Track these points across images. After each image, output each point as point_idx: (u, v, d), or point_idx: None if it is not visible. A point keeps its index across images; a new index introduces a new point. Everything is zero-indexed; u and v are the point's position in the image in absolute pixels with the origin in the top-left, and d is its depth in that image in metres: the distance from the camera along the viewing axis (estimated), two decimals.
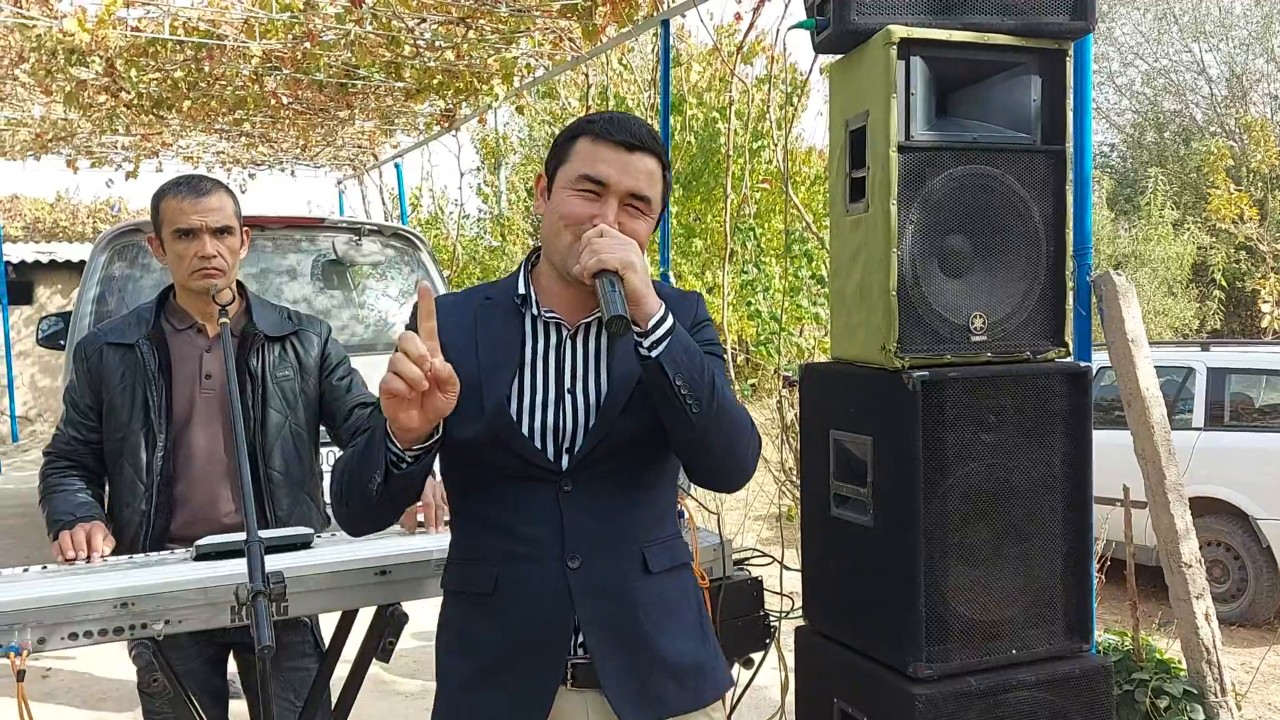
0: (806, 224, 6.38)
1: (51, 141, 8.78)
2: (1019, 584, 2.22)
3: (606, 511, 1.60)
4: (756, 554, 2.51)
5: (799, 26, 2.34)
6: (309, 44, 5.91)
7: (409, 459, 1.47)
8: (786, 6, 4.21)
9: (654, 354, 1.48)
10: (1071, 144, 2.32)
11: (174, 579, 1.88)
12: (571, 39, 5.99)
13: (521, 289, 1.66)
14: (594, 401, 1.60)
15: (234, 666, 2.51)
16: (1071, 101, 2.32)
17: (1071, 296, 2.35)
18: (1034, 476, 2.22)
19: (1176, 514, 3.08)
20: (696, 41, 11.25)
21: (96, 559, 2.13)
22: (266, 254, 5.33)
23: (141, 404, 2.33)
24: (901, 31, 2.13)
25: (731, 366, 6.08)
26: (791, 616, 2.57)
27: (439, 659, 1.67)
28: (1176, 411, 6.24)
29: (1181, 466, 3.12)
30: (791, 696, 2.59)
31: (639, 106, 9.29)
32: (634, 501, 1.63)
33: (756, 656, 2.44)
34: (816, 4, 2.28)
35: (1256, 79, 19.73)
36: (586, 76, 7.23)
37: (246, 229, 2.47)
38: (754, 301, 6.99)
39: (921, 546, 2.12)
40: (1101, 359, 3.38)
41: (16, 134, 8.56)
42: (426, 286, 1.45)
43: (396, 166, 10.48)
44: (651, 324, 1.48)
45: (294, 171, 11.06)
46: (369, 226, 5.69)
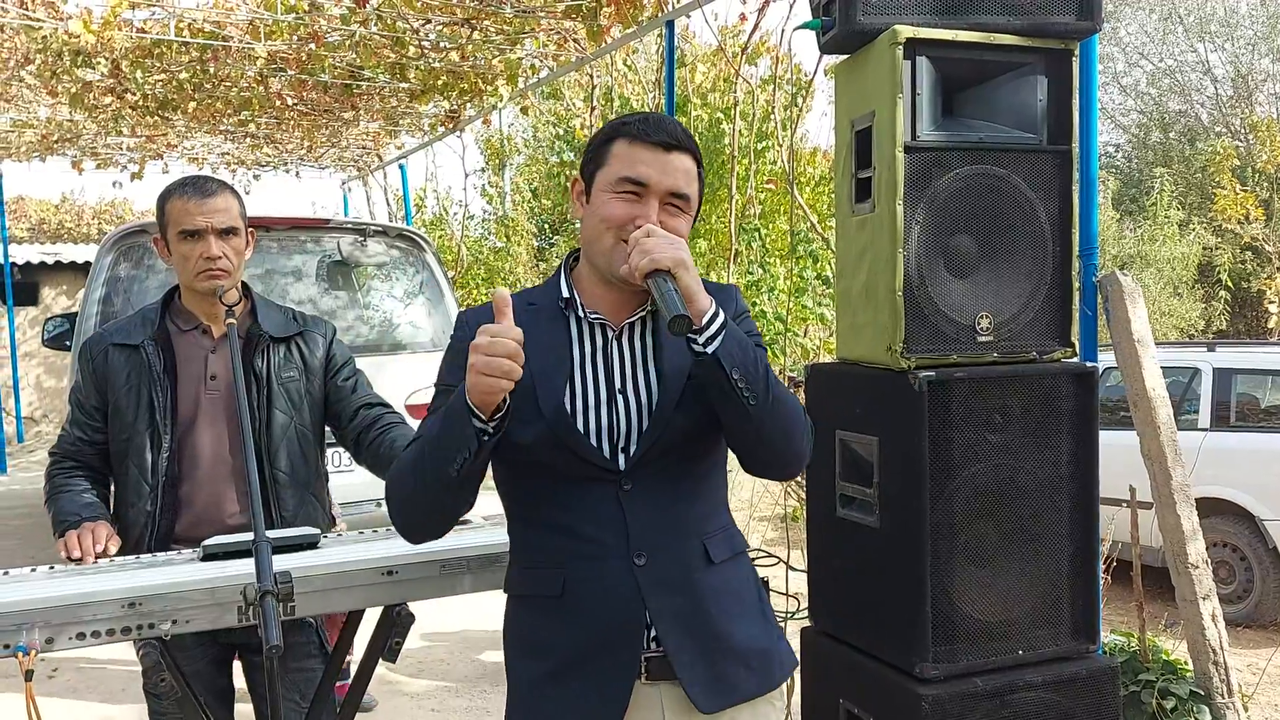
0: (811, 224, 6.38)
1: (57, 143, 8.81)
2: (1025, 585, 2.22)
3: (667, 507, 1.62)
4: (762, 554, 2.51)
5: (805, 27, 2.34)
6: (314, 45, 5.93)
7: (491, 429, 1.49)
8: (791, 7, 4.22)
9: (710, 350, 1.50)
10: (1077, 144, 2.32)
11: (181, 579, 1.88)
12: (576, 40, 5.99)
13: (565, 292, 1.67)
14: (645, 400, 1.62)
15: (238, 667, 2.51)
16: (1077, 102, 2.31)
17: (1078, 297, 2.35)
18: (1040, 477, 2.22)
19: (1183, 514, 3.07)
20: (701, 42, 11.25)
21: (102, 559, 2.13)
22: (272, 255, 5.34)
23: (147, 405, 2.33)
24: (907, 31, 2.13)
25: None
26: (797, 617, 2.57)
27: (508, 662, 1.68)
28: (1182, 412, 6.22)
29: (1188, 467, 3.11)
30: (798, 697, 2.59)
31: (643, 107, 9.29)
32: (691, 495, 1.66)
33: None
34: (822, 4, 2.28)
35: (1262, 79, 19.70)
36: (591, 77, 7.23)
37: (252, 230, 2.47)
38: (759, 302, 7.00)
39: (928, 547, 2.12)
40: (1107, 359, 3.37)
41: (22, 135, 8.59)
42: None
43: (401, 167, 10.49)
44: (706, 320, 1.50)
45: (299, 172, 11.08)
46: (374, 227, 5.69)
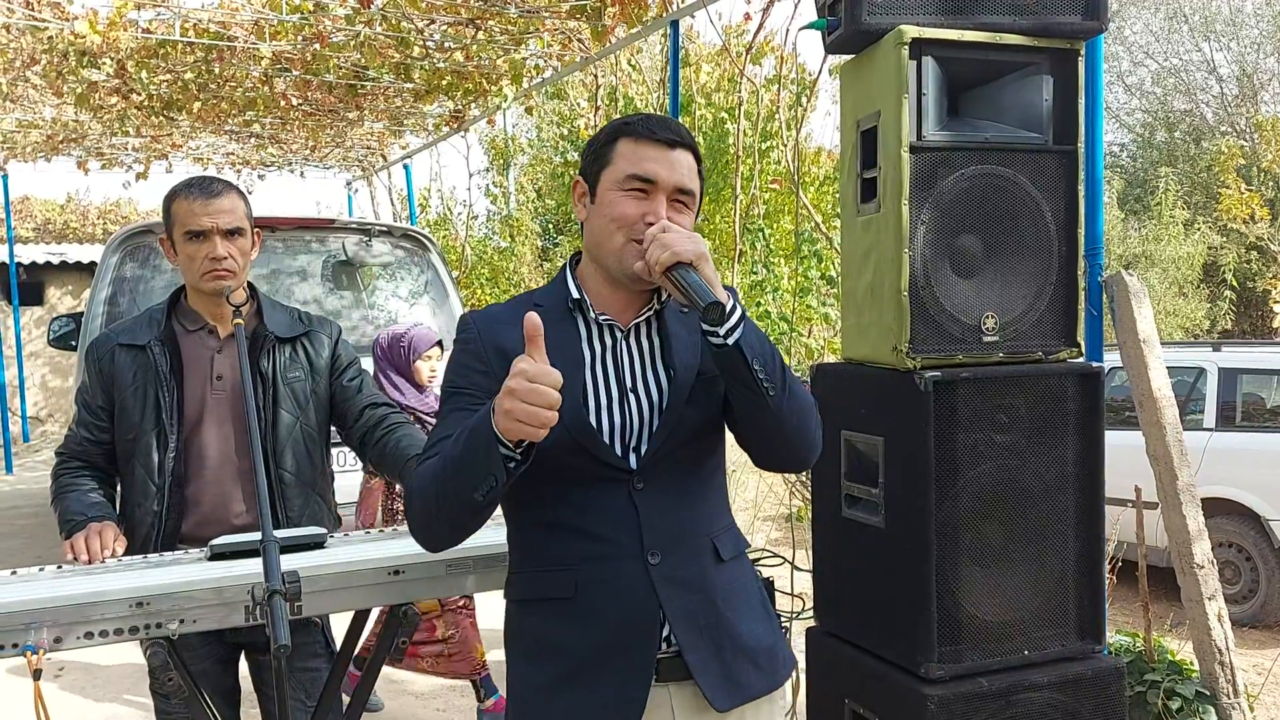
0: (816, 224, 6.38)
1: (62, 143, 8.83)
2: (1031, 585, 2.22)
3: (678, 505, 1.63)
4: (767, 554, 2.51)
5: (810, 27, 2.34)
6: (319, 45, 5.94)
7: (519, 455, 1.48)
8: (796, 6, 4.23)
9: (731, 340, 1.50)
10: (1083, 144, 2.31)
11: (189, 579, 1.89)
12: (580, 40, 6.00)
13: (575, 293, 1.67)
14: (656, 399, 1.64)
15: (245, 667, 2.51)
16: (1083, 101, 2.31)
17: (1083, 297, 2.35)
18: (1046, 477, 2.22)
19: (1188, 515, 3.07)
20: (705, 42, 11.25)
21: (110, 559, 2.13)
22: (277, 255, 5.35)
23: (153, 405, 2.34)
24: (913, 31, 2.13)
25: None
26: (802, 617, 2.57)
27: (511, 669, 1.67)
28: (1188, 412, 6.21)
29: (1193, 467, 3.11)
30: (803, 697, 2.59)
31: (648, 107, 9.29)
32: (700, 493, 1.67)
33: None
34: (828, 4, 2.28)
35: (1267, 78, 19.66)
36: (595, 77, 7.24)
37: (257, 230, 2.48)
38: (763, 302, 6.99)
39: (933, 547, 2.12)
40: (1113, 359, 3.37)
41: (28, 135, 8.61)
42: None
43: (405, 167, 10.50)
44: (728, 310, 1.51)
45: (303, 172, 11.10)
46: (379, 227, 5.70)
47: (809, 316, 6.95)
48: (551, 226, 16.74)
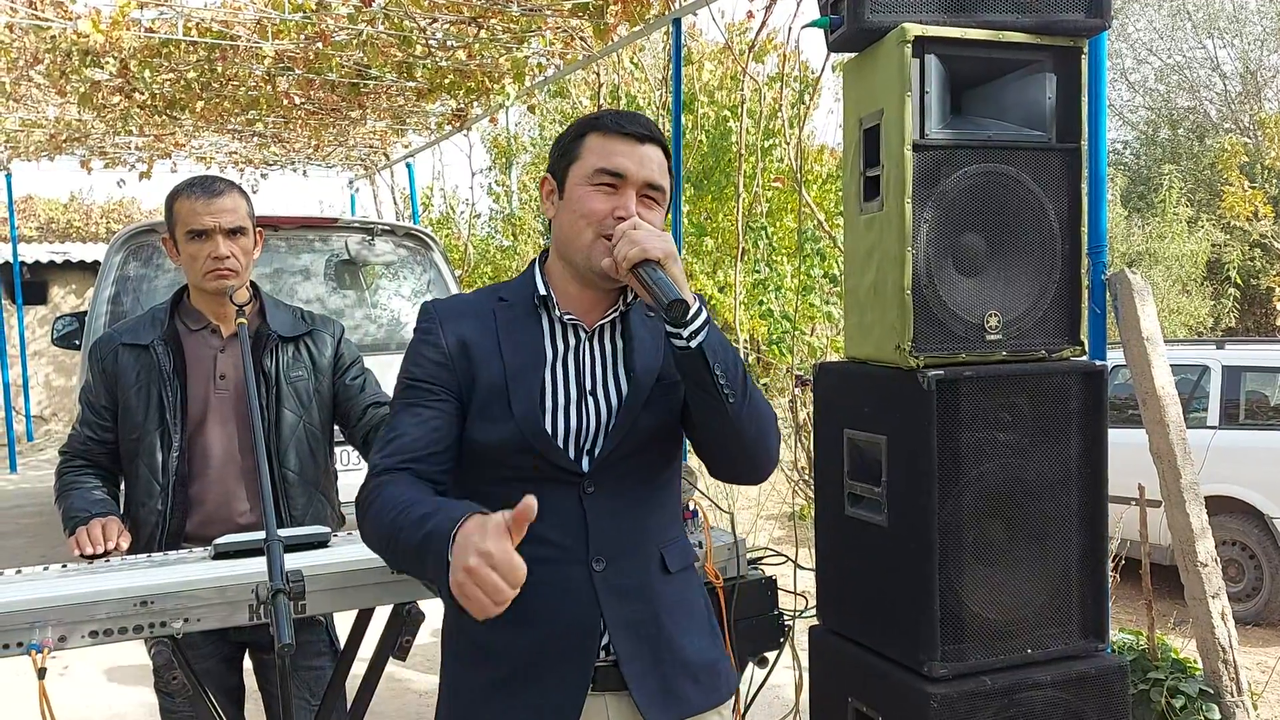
0: (819, 222, 6.38)
1: (66, 142, 8.84)
2: (1034, 583, 2.22)
3: (628, 512, 1.60)
4: (770, 553, 2.51)
5: (813, 25, 2.33)
6: (321, 44, 5.94)
7: None
8: (799, 4, 4.23)
9: (694, 343, 1.48)
10: (1086, 142, 2.31)
11: (193, 577, 1.89)
12: (583, 38, 6.00)
13: (542, 289, 1.65)
14: (615, 402, 1.61)
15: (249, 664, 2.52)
16: (1086, 99, 2.31)
17: (1086, 295, 2.35)
18: (1049, 475, 2.22)
19: (1192, 513, 3.06)
20: (708, 40, 11.25)
21: (114, 556, 2.14)
22: (280, 254, 5.35)
23: (157, 404, 2.34)
24: (916, 30, 2.13)
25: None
26: (805, 615, 2.57)
27: (447, 669, 1.64)
28: (1191, 410, 6.21)
29: (1197, 465, 3.10)
30: (806, 695, 2.59)
31: (650, 105, 9.29)
32: (651, 502, 1.64)
33: (770, 655, 2.43)
34: (830, 2, 2.28)
35: (1271, 75, 19.62)
36: (598, 75, 7.24)
37: (260, 229, 2.48)
38: (766, 300, 7.00)
39: (936, 545, 2.12)
40: (1116, 357, 3.36)
41: (31, 135, 8.62)
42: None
43: (408, 166, 10.50)
44: (692, 313, 1.49)
45: (306, 171, 11.11)
46: (382, 226, 5.70)
47: (812, 315, 6.95)
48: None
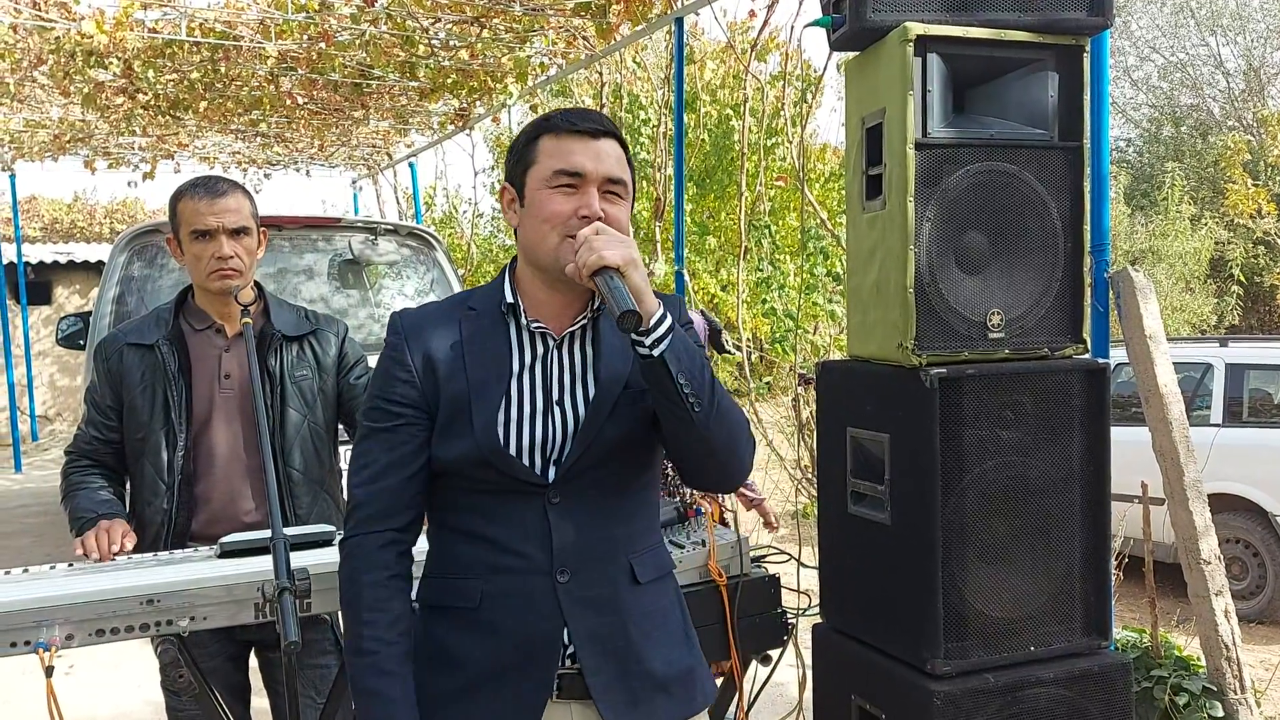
0: (821, 221, 6.38)
1: (69, 143, 8.85)
2: (1037, 581, 2.22)
3: (594, 524, 1.57)
4: (773, 551, 2.52)
5: (815, 24, 2.34)
6: (324, 44, 5.95)
7: None
8: (801, 3, 4.22)
9: (656, 352, 1.45)
10: (1088, 140, 2.31)
11: (199, 576, 1.90)
12: (585, 37, 6.00)
13: (510, 298, 1.61)
14: (582, 411, 1.58)
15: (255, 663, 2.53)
16: (1088, 97, 2.31)
17: (1089, 293, 2.35)
18: (1052, 473, 2.22)
19: (1195, 511, 3.06)
20: (710, 39, 11.25)
21: (120, 556, 2.15)
22: (284, 254, 5.36)
23: (162, 404, 2.35)
24: (918, 28, 2.13)
25: (746, 364, 6.08)
26: (809, 613, 2.57)
27: (415, 675, 1.60)
28: (1194, 408, 6.20)
29: (1200, 463, 3.10)
30: (809, 693, 2.60)
31: (653, 104, 9.29)
32: (620, 512, 1.61)
33: (774, 653, 2.44)
34: (833, 1, 2.28)
35: (1274, 72, 19.59)
36: (600, 75, 7.25)
37: (264, 229, 2.49)
38: (769, 299, 6.99)
39: (939, 543, 2.12)
40: (1119, 355, 3.36)
41: (35, 135, 8.64)
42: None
43: (411, 166, 10.51)
44: (654, 321, 1.45)
45: (309, 171, 11.12)
46: (385, 226, 5.71)
47: (815, 313, 6.95)
48: None
